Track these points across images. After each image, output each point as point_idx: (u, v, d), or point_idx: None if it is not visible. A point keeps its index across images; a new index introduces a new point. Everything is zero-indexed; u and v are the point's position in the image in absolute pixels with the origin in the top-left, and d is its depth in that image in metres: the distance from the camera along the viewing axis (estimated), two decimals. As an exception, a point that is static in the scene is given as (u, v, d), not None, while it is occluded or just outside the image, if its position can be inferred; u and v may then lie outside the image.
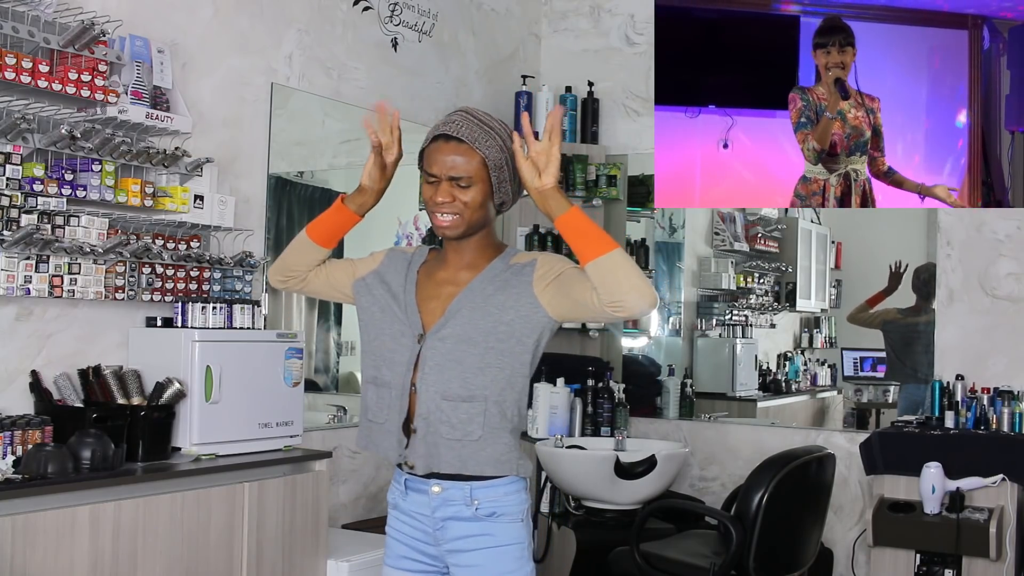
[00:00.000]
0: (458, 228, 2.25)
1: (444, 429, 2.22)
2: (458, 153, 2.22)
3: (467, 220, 2.25)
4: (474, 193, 2.23)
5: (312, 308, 4.43)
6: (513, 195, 2.30)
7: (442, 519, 2.25)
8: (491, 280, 2.28)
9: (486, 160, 2.21)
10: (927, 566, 4.12)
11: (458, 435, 2.21)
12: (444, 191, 2.23)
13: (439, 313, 2.28)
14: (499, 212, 2.33)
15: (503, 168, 2.23)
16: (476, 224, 2.26)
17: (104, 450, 2.88)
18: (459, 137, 2.21)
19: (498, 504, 2.22)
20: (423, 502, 2.27)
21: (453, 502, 2.23)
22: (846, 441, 4.77)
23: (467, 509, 2.22)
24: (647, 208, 5.39)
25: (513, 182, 2.27)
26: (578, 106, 5.23)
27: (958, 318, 4.65)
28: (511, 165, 2.23)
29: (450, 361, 2.23)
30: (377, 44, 4.49)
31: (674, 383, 5.36)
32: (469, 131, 2.21)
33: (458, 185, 2.22)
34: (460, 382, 2.22)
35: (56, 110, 3.09)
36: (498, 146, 2.22)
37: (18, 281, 3.01)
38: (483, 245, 2.32)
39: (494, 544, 2.22)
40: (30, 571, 2.62)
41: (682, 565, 3.84)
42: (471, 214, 2.24)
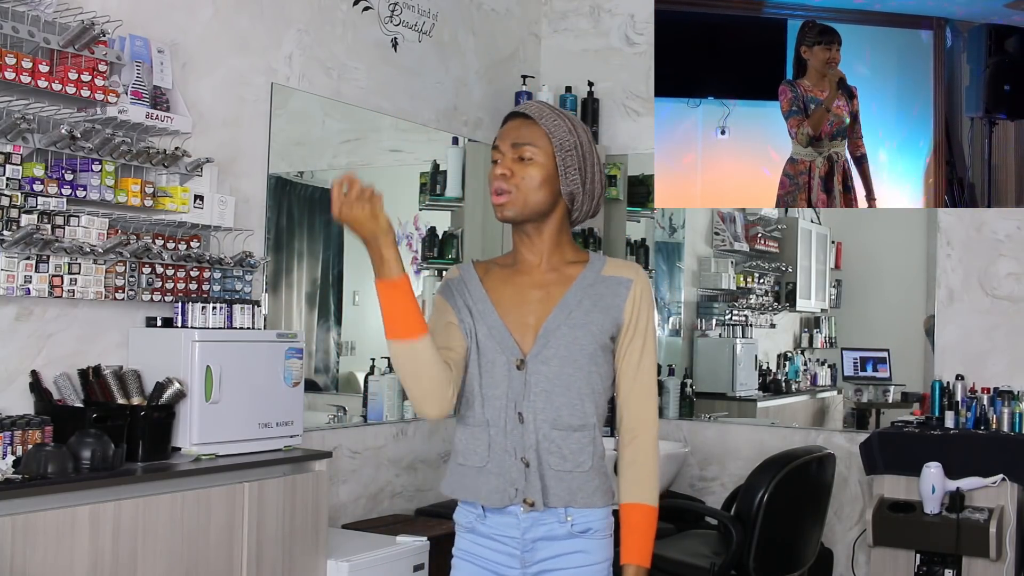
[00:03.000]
0: (513, 206, 2.10)
1: (554, 460, 2.12)
2: (524, 126, 2.12)
3: (524, 199, 2.10)
4: (535, 171, 2.09)
5: (312, 308, 4.44)
6: (588, 194, 2.15)
7: (533, 540, 2.12)
8: (587, 293, 2.15)
9: (551, 135, 2.10)
10: (927, 566, 4.12)
11: (569, 466, 2.12)
12: (506, 162, 2.11)
13: (533, 329, 2.14)
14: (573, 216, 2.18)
15: (571, 152, 2.11)
16: (535, 208, 2.11)
17: (104, 450, 2.88)
18: (527, 113, 2.13)
19: (592, 520, 2.14)
20: (509, 523, 2.13)
21: (545, 521, 2.12)
22: (846, 441, 4.77)
23: (561, 527, 2.13)
24: (647, 208, 5.40)
25: (586, 177, 2.13)
26: (578, 106, 5.23)
27: (958, 318, 4.65)
28: (583, 158, 2.12)
29: (558, 387, 2.12)
30: (377, 44, 4.49)
31: (674, 383, 5.36)
32: (538, 110, 2.13)
33: (520, 159, 2.10)
34: (570, 409, 2.13)
35: (56, 110, 3.09)
36: (567, 128, 2.11)
37: (18, 281, 3.01)
38: (558, 242, 2.18)
39: (588, 562, 2.14)
40: (30, 571, 2.62)
41: (682, 565, 3.84)
42: (529, 194, 2.10)
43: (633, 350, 2.16)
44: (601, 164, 2.20)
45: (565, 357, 2.12)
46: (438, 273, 4.96)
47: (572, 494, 2.12)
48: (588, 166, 2.14)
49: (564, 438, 2.13)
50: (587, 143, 2.15)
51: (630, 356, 2.16)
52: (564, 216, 2.17)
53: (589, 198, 2.16)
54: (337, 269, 4.54)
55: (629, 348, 2.16)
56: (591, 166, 2.15)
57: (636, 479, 2.15)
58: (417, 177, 4.97)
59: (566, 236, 2.20)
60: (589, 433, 2.15)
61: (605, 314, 2.13)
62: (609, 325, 2.13)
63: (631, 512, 2.14)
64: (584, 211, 2.19)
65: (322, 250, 4.49)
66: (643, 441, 2.18)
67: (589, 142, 2.16)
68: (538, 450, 2.12)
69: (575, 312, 2.13)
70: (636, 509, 2.14)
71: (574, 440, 2.13)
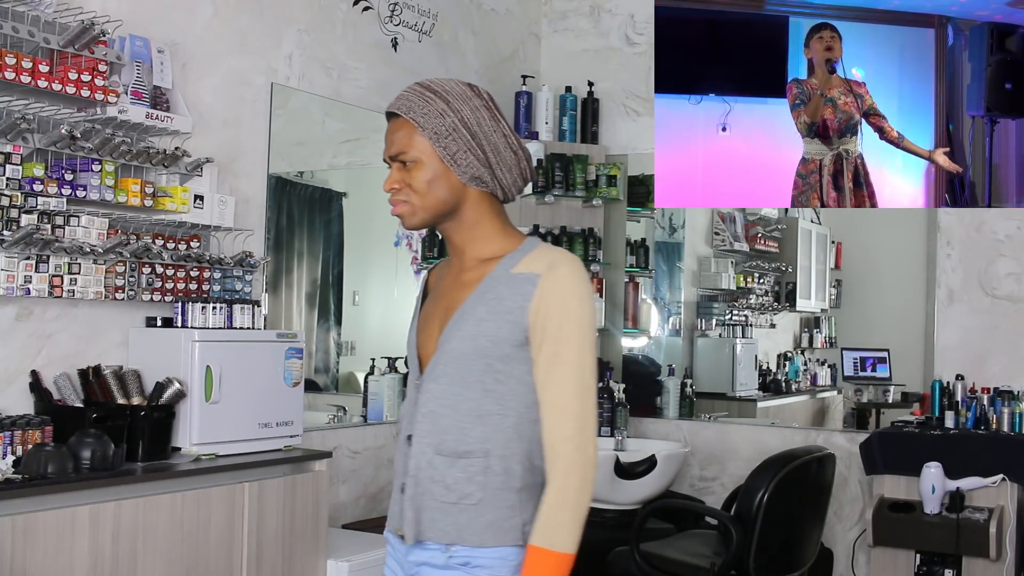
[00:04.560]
0: (414, 215, 1.91)
1: (438, 490, 1.86)
2: (397, 129, 1.92)
3: (421, 204, 1.90)
4: (422, 172, 1.89)
5: (312, 308, 4.44)
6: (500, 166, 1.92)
7: (416, 564, 1.92)
8: (485, 296, 1.89)
9: (422, 128, 1.88)
10: (927, 566, 4.12)
11: (453, 498, 1.85)
12: (392, 176, 1.92)
13: (436, 341, 1.93)
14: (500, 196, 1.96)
15: (451, 136, 1.88)
16: (439, 208, 1.91)
17: (104, 450, 2.88)
18: (394, 111, 1.93)
19: (480, 558, 1.85)
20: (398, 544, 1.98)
21: (428, 548, 1.89)
22: (846, 441, 4.77)
23: (440, 556, 1.88)
24: (647, 208, 5.39)
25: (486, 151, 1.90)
26: (578, 106, 5.23)
27: (958, 318, 4.65)
28: (472, 134, 1.88)
29: (444, 407, 1.88)
30: (377, 44, 4.49)
31: (674, 383, 5.36)
32: (406, 102, 1.91)
33: (405, 166, 1.91)
34: (456, 433, 1.86)
35: (56, 110, 3.09)
36: (440, 110, 1.88)
37: (18, 281, 3.00)
38: (477, 235, 1.95)
39: None
40: (30, 571, 2.62)
41: (682, 565, 3.84)
42: (425, 197, 1.89)
43: (542, 359, 1.84)
44: (505, 122, 1.93)
45: (453, 374, 1.88)
46: (438, 273, 4.95)
47: (460, 530, 1.85)
48: (483, 139, 1.89)
49: (448, 465, 1.86)
50: (471, 114, 1.89)
51: (539, 366, 1.85)
52: (482, 203, 1.94)
53: (505, 169, 1.93)
54: (337, 269, 4.54)
55: (539, 357, 1.84)
56: (487, 136, 1.90)
57: (540, 516, 1.82)
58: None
59: (489, 226, 1.95)
60: (480, 461, 1.84)
61: (502, 320, 1.85)
62: (508, 333, 1.84)
63: (527, 554, 1.82)
64: (508, 184, 1.95)
65: (322, 250, 4.49)
66: (557, 470, 1.82)
67: (476, 109, 1.90)
68: (419, 478, 1.89)
69: (467, 321, 1.88)
70: (529, 552, 1.82)
71: (459, 468, 1.85)
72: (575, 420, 1.83)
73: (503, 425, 1.85)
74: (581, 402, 1.83)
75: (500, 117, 1.94)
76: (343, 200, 4.52)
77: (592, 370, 1.86)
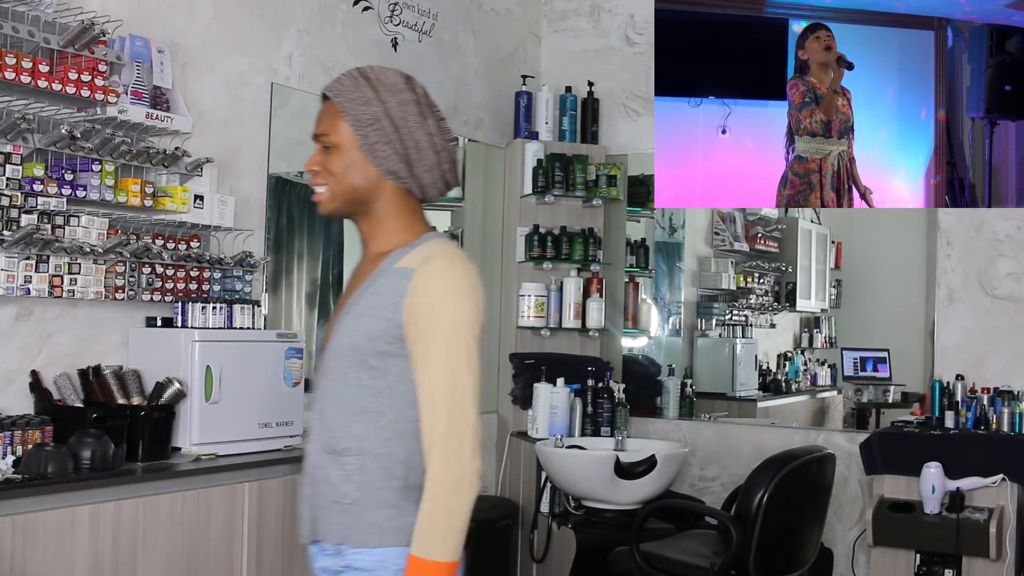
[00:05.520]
0: (330, 203, 1.89)
1: (325, 489, 1.84)
2: (326, 111, 1.90)
3: (337, 192, 1.87)
4: (340, 158, 1.86)
5: (312, 308, 4.44)
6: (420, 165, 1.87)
7: (320, 570, 1.91)
8: (367, 291, 1.85)
9: (345, 114, 1.85)
10: (927, 566, 4.12)
11: (335, 496, 1.83)
12: (313, 158, 1.90)
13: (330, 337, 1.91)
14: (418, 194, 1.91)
15: (373, 126, 1.84)
16: (351, 197, 1.88)
17: (104, 450, 2.88)
18: (324, 93, 1.92)
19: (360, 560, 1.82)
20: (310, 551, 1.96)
21: (327, 551, 1.88)
22: (846, 441, 4.77)
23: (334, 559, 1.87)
24: (647, 208, 5.39)
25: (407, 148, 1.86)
26: (578, 106, 5.22)
27: (958, 318, 4.65)
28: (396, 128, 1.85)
29: (329, 404, 1.86)
30: (377, 44, 4.49)
31: (674, 383, 5.36)
32: (337, 85, 1.89)
33: (325, 149, 1.88)
34: (340, 430, 1.84)
35: (56, 110, 3.09)
36: (367, 98, 1.85)
37: (18, 281, 3.01)
38: (383, 229, 1.90)
39: None
40: (30, 571, 2.62)
41: (682, 565, 3.84)
42: (340, 185, 1.87)
43: (416, 357, 1.80)
44: (435, 120, 1.89)
45: (335, 370, 1.85)
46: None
47: (345, 530, 1.82)
48: (405, 133, 1.85)
49: (332, 463, 1.84)
50: (397, 107, 1.85)
51: (414, 364, 1.80)
52: (396, 198, 1.90)
53: (425, 168, 1.88)
54: (337, 269, 4.54)
55: (413, 355, 1.80)
56: (410, 132, 1.86)
57: (418, 523, 1.77)
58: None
59: (397, 222, 1.90)
60: (356, 460, 1.81)
61: (378, 316, 1.81)
62: (382, 329, 1.80)
63: (407, 563, 1.77)
64: (427, 183, 1.90)
65: (322, 250, 4.49)
66: (431, 473, 1.77)
67: (404, 103, 1.86)
68: (313, 476, 1.88)
69: (348, 316, 1.85)
70: (408, 561, 1.77)
71: (340, 466, 1.83)
72: (445, 420, 1.76)
73: (380, 423, 1.81)
74: (451, 401, 1.76)
75: (430, 115, 1.89)
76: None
77: (469, 367, 1.78)
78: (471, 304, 1.81)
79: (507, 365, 5.03)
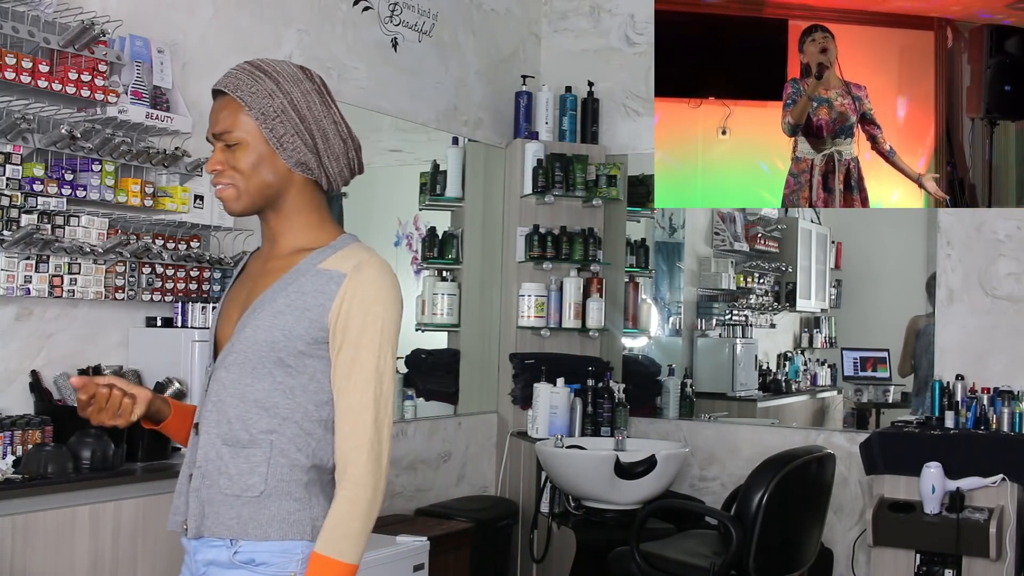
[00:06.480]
0: (238, 201, 1.85)
1: (223, 482, 1.82)
2: (222, 108, 1.85)
3: (246, 189, 1.84)
4: (246, 154, 1.83)
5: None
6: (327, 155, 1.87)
7: (204, 563, 1.86)
8: (288, 288, 1.83)
9: (248, 108, 1.82)
10: (927, 566, 4.12)
11: (236, 490, 1.80)
12: (214, 157, 1.85)
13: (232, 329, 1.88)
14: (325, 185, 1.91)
15: (279, 118, 1.82)
16: (262, 193, 1.85)
17: (104, 450, 2.88)
18: (220, 89, 1.86)
19: (263, 553, 1.80)
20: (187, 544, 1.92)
21: (214, 544, 1.84)
22: (846, 441, 4.77)
23: (226, 552, 1.83)
24: (647, 208, 5.40)
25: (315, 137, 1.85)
26: (578, 106, 5.23)
27: (958, 318, 4.65)
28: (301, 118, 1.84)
29: (232, 396, 1.83)
30: (377, 44, 4.49)
31: (674, 383, 5.36)
32: (234, 79, 1.84)
33: (228, 147, 1.84)
34: (243, 423, 1.82)
35: (56, 110, 3.09)
36: (269, 90, 1.82)
37: (18, 281, 3.00)
38: (294, 224, 1.89)
39: None
40: (30, 571, 2.62)
41: (682, 565, 3.84)
42: (249, 182, 1.84)
43: (341, 363, 1.80)
44: (336, 108, 1.89)
45: (244, 364, 1.83)
46: (438, 273, 4.97)
47: (243, 524, 1.80)
48: (312, 124, 1.84)
49: (233, 456, 1.82)
50: (301, 97, 1.84)
51: (337, 370, 1.80)
52: (305, 191, 1.89)
53: (333, 158, 1.88)
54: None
55: (337, 360, 1.80)
56: (317, 122, 1.85)
57: (329, 523, 1.79)
58: (417, 177, 4.97)
59: (308, 217, 1.90)
60: (263, 452, 1.80)
61: (300, 316, 1.80)
62: (304, 330, 1.80)
63: (310, 562, 1.78)
64: (334, 174, 1.90)
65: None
66: (349, 478, 1.79)
67: (306, 93, 1.85)
68: (206, 469, 1.84)
69: (265, 311, 1.82)
70: (313, 560, 1.77)
71: (243, 458, 1.81)
72: (371, 429, 1.79)
73: (291, 419, 1.82)
74: (377, 410, 1.80)
75: (331, 103, 1.89)
76: (343, 200, 4.51)
77: (390, 377, 1.83)
78: (397, 314, 1.85)
79: (507, 365, 5.03)
